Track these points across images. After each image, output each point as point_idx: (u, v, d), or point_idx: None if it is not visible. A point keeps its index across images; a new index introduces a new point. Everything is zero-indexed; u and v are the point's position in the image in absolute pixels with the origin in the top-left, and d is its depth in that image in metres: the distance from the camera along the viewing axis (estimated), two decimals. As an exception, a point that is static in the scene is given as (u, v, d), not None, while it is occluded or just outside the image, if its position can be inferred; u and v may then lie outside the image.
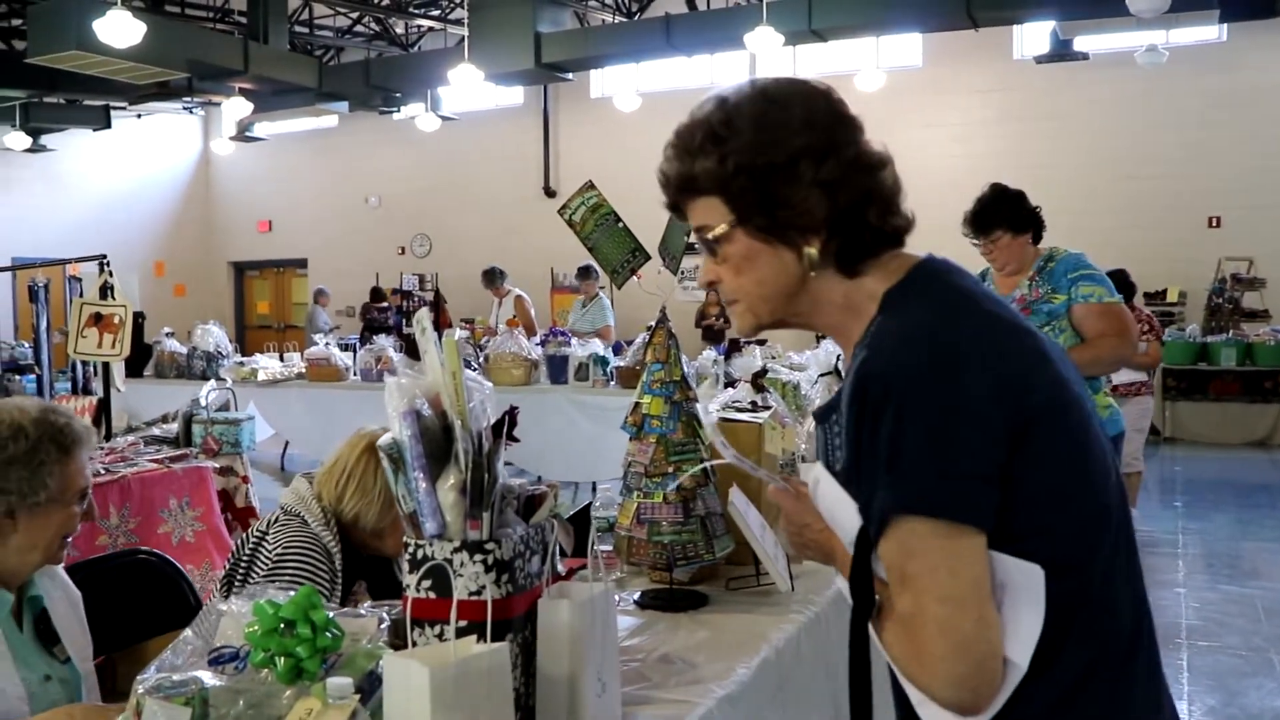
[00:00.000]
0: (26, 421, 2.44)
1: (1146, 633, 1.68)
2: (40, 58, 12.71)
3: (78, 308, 7.59)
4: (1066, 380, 1.63)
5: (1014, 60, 16.83)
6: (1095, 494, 1.61)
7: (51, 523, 2.45)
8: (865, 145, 1.70)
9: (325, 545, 2.94)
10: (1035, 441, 1.54)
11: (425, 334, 1.98)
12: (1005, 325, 1.62)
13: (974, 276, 1.74)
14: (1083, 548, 1.59)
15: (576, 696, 1.95)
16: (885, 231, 1.68)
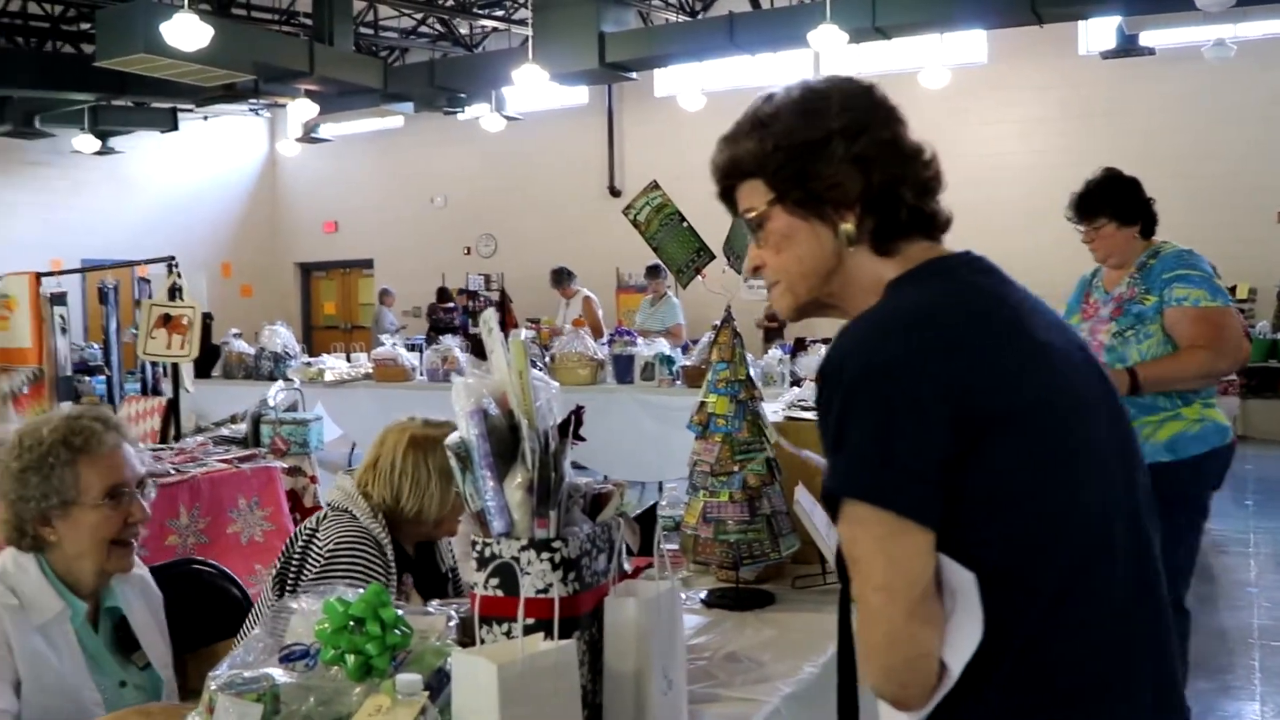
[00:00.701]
0: (45, 428, 2.49)
1: (1129, 684, 1.61)
2: (109, 61, 12.82)
3: (146, 309, 7.70)
4: (1062, 387, 1.62)
5: (1079, 56, 16.63)
6: (1067, 511, 1.57)
7: (84, 525, 2.46)
8: (903, 133, 1.76)
9: (376, 538, 2.96)
10: (991, 445, 1.54)
11: (492, 334, 1.99)
12: (993, 324, 1.62)
13: (1003, 276, 1.73)
14: (1035, 565, 1.56)
15: (643, 693, 1.95)
16: (922, 212, 1.72)
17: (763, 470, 2.86)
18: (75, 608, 2.48)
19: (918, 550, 1.53)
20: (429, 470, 3.01)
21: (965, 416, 1.52)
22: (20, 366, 7.30)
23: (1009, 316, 1.65)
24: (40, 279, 7.46)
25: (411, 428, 3.11)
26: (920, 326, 1.59)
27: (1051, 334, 1.68)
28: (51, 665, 2.38)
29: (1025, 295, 1.74)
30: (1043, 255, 15.55)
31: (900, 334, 1.58)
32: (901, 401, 1.53)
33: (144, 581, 2.72)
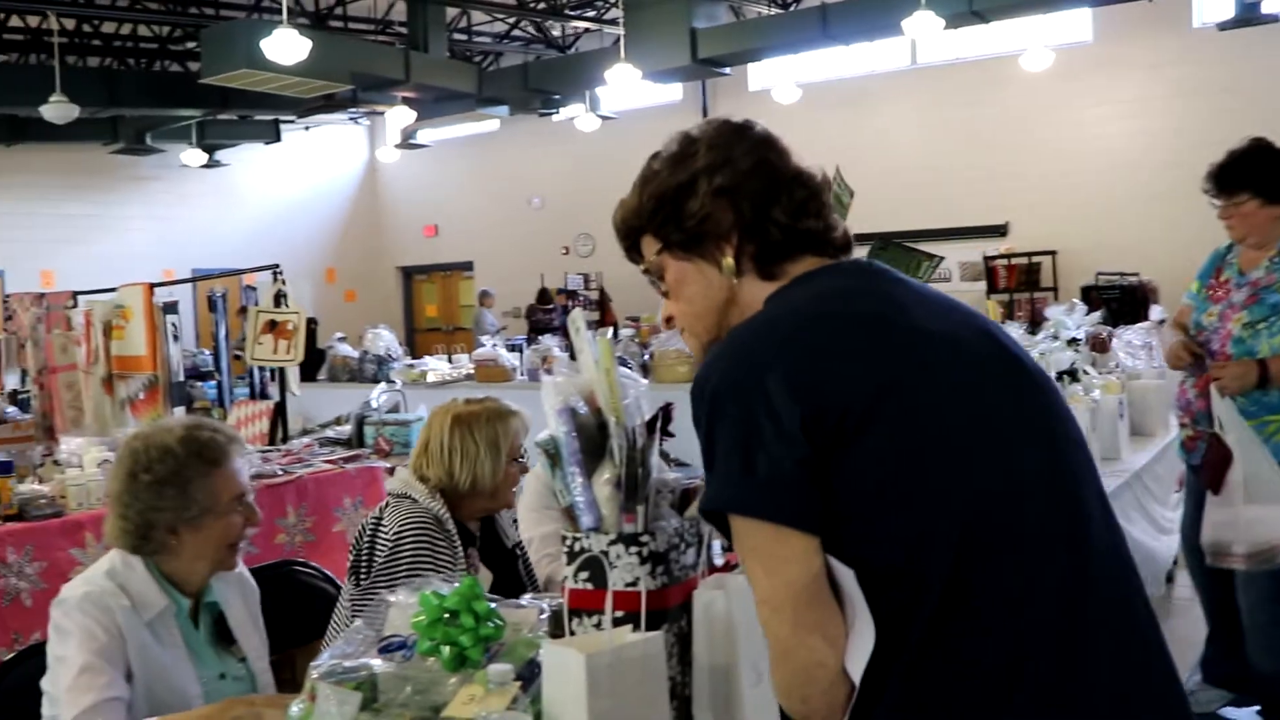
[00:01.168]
0: (173, 442, 2.60)
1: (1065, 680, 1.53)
2: (213, 77, 13.18)
3: (253, 315, 7.89)
4: (935, 371, 1.59)
5: (1193, 30, 16.01)
6: (946, 498, 1.53)
7: (212, 533, 2.61)
8: (773, 159, 1.80)
9: (437, 515, 3.12)
10: (853, 440, 1.52)
11: (580, 333, 2.04)
12: (847, 319, 1.63)
13: (886, 275, 1.74)
14: (920, 556, 1.52)
15: (732, 686, 1.98)
16: (800, 231, 1.74)
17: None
18: (179, 604, 2.61)
19: (793, 556, 1.52)
20: (476, 443, 3.19)
21: (817, 414, 1.52)
22: (136, 373, 7.54)
23: (868, 309, 1.64)
24: (153, 289, 7.69)
25: (454, 408, 3.30)
26: (767, 334, 1.62)
27: (934, 322, 1.66)
28: (158, 658, 2.51)
29: (911, 289, 1.73)
30: (1155, 242, 15.27)
31: (749, 346, 1.61)
32: (755, 410, 1.54)
33: (241, 577, 2.85)
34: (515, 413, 3.33)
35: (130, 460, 2.59)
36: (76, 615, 2.45)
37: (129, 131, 18.07)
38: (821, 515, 1.53)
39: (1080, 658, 1.54)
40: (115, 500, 2.60)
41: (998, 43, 16.64)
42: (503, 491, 3.27)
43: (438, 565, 3.04)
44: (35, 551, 4.88)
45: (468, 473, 3.18)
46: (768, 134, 1.85)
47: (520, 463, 3.31)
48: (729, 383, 1.59)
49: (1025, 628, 1.53)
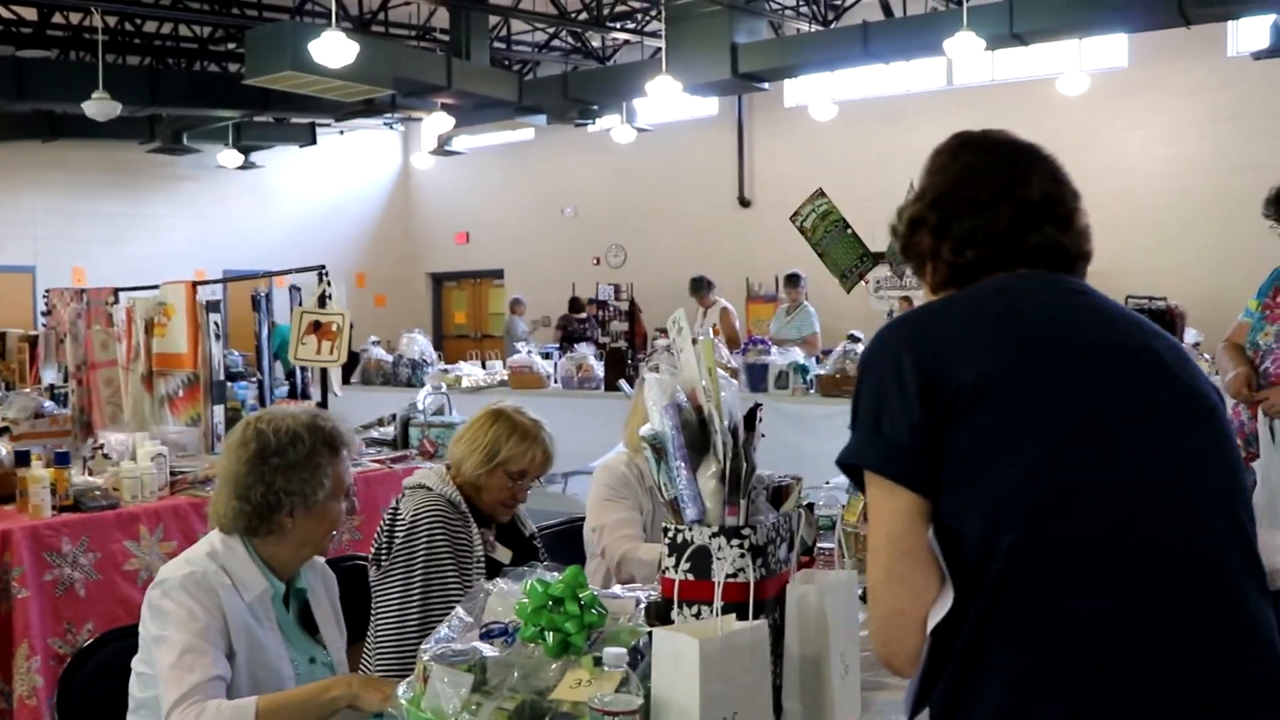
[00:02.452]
0: (301, 428, 2.69)
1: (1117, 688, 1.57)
2: (256, 79, 13.25)
3: (297, 316, 7.95)
4: (1055, 369, 1.70)
5: (1228, 58, 16.05)
6: (1029, 486, 1.63)
7: (326, 519, 2.70)
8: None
9: (450, 498, 3.28)
10: (965, 413, 1.66)
11: (681, 333, 2.11)
12: (979, 309, 1.80)
13: (1053, 282, 1.84)
14: (985, 538, 1.62)
15: (821, 676, 2.06)
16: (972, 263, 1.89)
17: (924, 470, 2.94)
18: (276, 588, 2.69)
19: (897, 510, 1.68)
20: (486, 435, 3.36)
21: (934, 386, 1.67)
22: (176, 371, 7.58)
23: (1005, 306, 1.79)
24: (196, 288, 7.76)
25: (501, 405, 3.49)
26: (913, 319, 1.84)
27: (1082, 326, 1.76)
28: (258, 639, 2.59)
29: (1081, 299, 1.83)
30: (1186, 267, 15.27)
31: (897, 327, 1.83)
32: (886, 379, 1.72)
33: (323, 566, 2.94)
34: (537, 442, 3.41)
35: (258, 443, 2.65)
36: (179, 595, 2.51)
37: (166, 131, 18.22)
38: (930, 479, 1.67)
39: (1127, 668, 1.57)
40: (234, 481, 2.65)
41: (1034, 66, 16.74)
42: (488, 496, 3.37)
43: (455, 545, 3.20)
44: (90, 543, 4.92)
45: (460, 454, 3.36)
46: (978, 154, 2.03)
47: (517, 485, 3.39)
48: (873, 355, 1.80)
49: (1070, 626, 1.59)
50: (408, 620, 3.12)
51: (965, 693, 1.62)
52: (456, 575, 3.17)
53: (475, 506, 3.37)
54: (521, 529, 3.57)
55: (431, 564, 3.16)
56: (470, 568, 3.22)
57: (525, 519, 3.60)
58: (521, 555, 3.36)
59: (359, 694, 2.37)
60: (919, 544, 1.65)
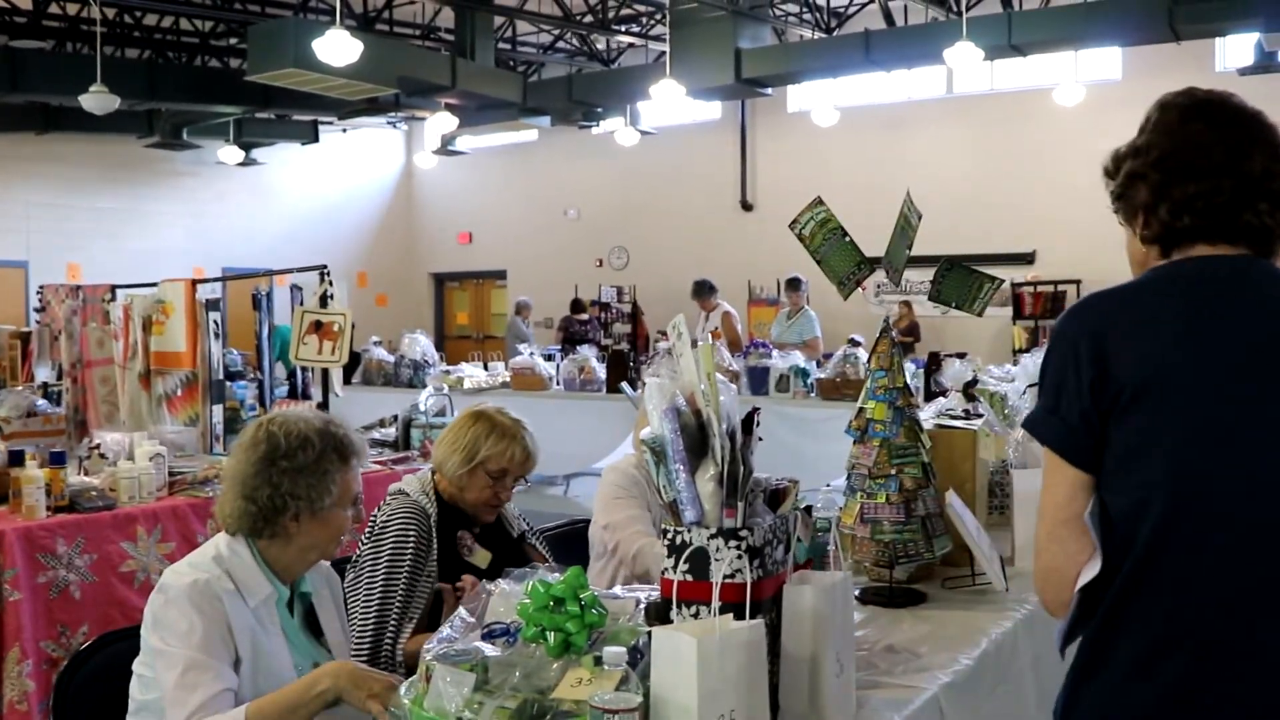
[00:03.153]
0: (312, 432, 2.68)
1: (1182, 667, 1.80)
2: (259, 75, 13.19)
3: (299, 315, 7.96)
4: (1217, 372, 1.83)
5: (1216, 73, 16.32)
6: (1172, 480, 1.82)
7: (331, 526, 2.70)
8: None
9: (422, 507, 3.34)
10: (1126, 409, 1.84)
11: (681, 338, 2.16)
12: (1162, 309, 1.90)
13: (1236, 276, 1.93)
14: (1133, 520, 1.84)
15: (817, 675, 2.11)
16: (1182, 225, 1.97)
17: (919, 474, 2.99)
18: (280, 592, 2.69)
19: (1063, 481, 1.90)
20: (466, 436, 3.40)
21: (1102, 381, 1.85)
22: (175, 370, 7.56)
23: (1182, 307, 1.90)
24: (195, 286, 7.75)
25: (482, 406, 3.54)
26: (1100, 304, 1.96)
27: (1251, 324, 1.87)
28: (263, 644, 2.59)
29: (1260, 293, 1.92)
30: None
31: (1090, 306, 1.97)
32: (1068, 360, 1.90)
33: (328, 569, 2.95)
34: (517, 441, 3.44)
35: (268, 444, 2.66)
36: (182, 604, 2.50)
37: (165, 126, 18.05)
38: (1095, 459, 1.88)
39: (1243, 645, 1.79)
40: (242, 482, 2.65)
41: (1031, 77, 16.96)
42: (471, 495, 3.40)
43: (416, 554, 3.24)
44: (86, 544, 4.86)
45: (441, 456, 3.40)
46: (1209, 123, 2.08)
47: (500, 483, 3.43)
48: (1062, 331, 1.95)
49: (1189, 615, 1.81)
50: (367, 624, 3.15)
51: (1104, 645, 1.88)
52: (410, 585, 3.20)
53: (457, 509, 3.41)
54: (509, 530, 3.59)
55: (393, 570, 3.20)
56: (426, 577, 3.25)
57: (513, 519, 3.62)
58: (508, 557, 3.39)
59: (346, 688, 2.36)
60: (1078, 513, 1.88)
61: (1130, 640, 1.85)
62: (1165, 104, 2.14)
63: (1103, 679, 1.88)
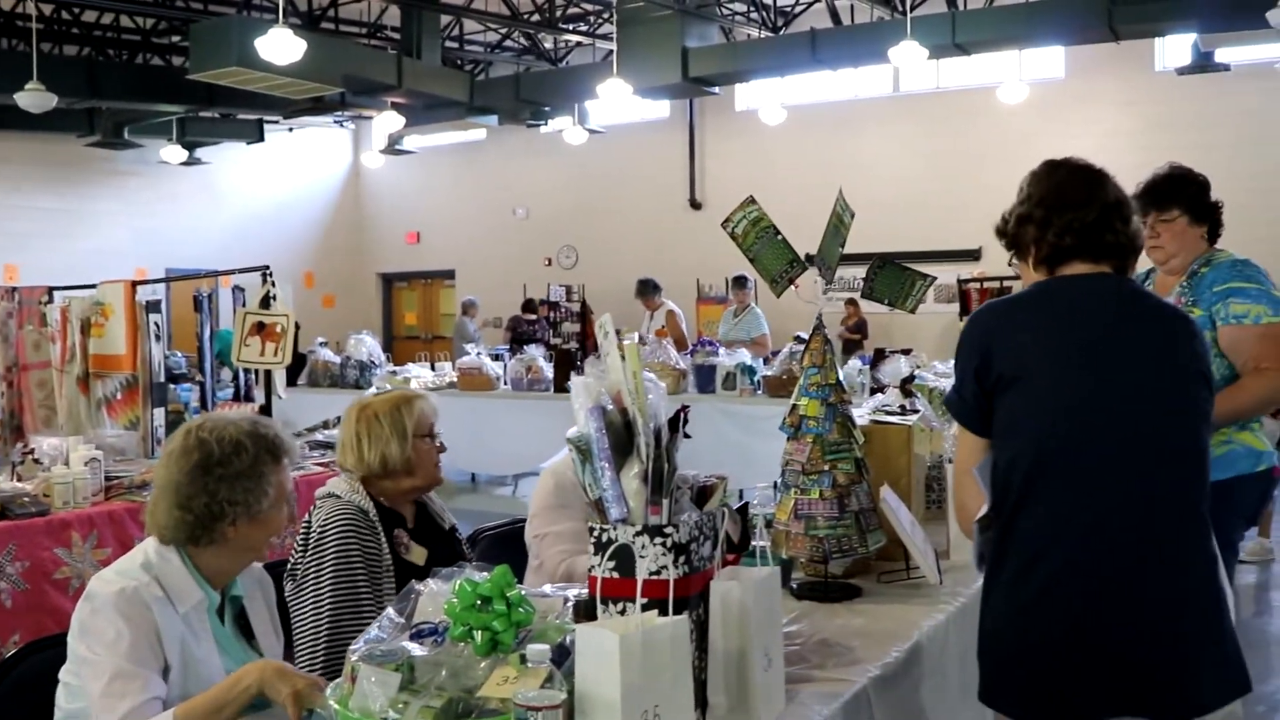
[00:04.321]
0: (243, 436, 2.67)
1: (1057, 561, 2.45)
2: (201, 74, 13.01)
3: (241, 317, 7.88)
4: (1069, 366, 2.48)
5: (1156, 72, 16.59)
6: (1034, 440, 2.46)
7: (268, 528, 2.69)
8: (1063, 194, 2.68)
9: (360, 506, 3.27)
10: (1001, 392, 2.50)
11: (608, 337, 2.16)
12: (1032, 315, 2.57)
13: (1092, 287, 2.58)
14: (1013, 466, 2.46)
15: (745, 670, 2.12)
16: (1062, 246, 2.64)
17: (852, 469, 3.01)
18: (211, 598, 2.66)
19: (968, 444, 2.61)
20: (381, 425, 3.36)
21: (984, 370, 2.52)
22: (114, 373, 7.45)
23: (1051, 312, 2.56)
24: (136, 287, 7.66)
25: (361, 400, 3.50)
26: (992, 310, 2.65)
27: (1101, 333, 2.51)
28: (193, 651, 2.56)
29: (1117, 300, 2.57)
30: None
31: (982, 314, 2.65)
32: (964, 353, 2.59)
33: (260, 571, 2.93)
34: (419, 395, 3.50)
35: (201, 452, 2.63)
36: (109, 612, 2.47)
37: (107, 125, 17.78)
38: (986, 426, 2.55)
39: (1087, 562, 2.42)
40: (175, 491, 2.62)
41: (976, 75, 17.16)
42: (422, 468, 3.40)
43: (364, 553, 3.18)
44: (18, 551, 4.76)
45: (376, 454, 3.32)
46: (1069, 172, 2.70)
47: (435, 440, 3.44)
48: (964, 331, 2.62)
49: (1049, 528, 2.45)
50: (319, 634, 3.09)
51: (999, 559, 2.52)
52: (367, 585, 3.15)
53: (388, 508, 3.36)
54: (440, 523, 3.57)
55: (341, 576, 3.13)
56: (380, 576, 3.21)
57: (444, 513, 3.60)
58: (442, 550, 3.39)
59: (269, 681, 2.33)
60: (972, 464, 2.56)
61: (1014, 556, 2.49)
62: (1033, 172, 2.74)
63: (1000, 581, 2.52)
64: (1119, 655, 2.38)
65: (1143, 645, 2.38)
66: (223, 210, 21.19)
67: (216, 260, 14.57)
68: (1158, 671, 2.38)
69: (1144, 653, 2.38)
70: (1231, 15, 12.21)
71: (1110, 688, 2.38)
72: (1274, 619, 7.09)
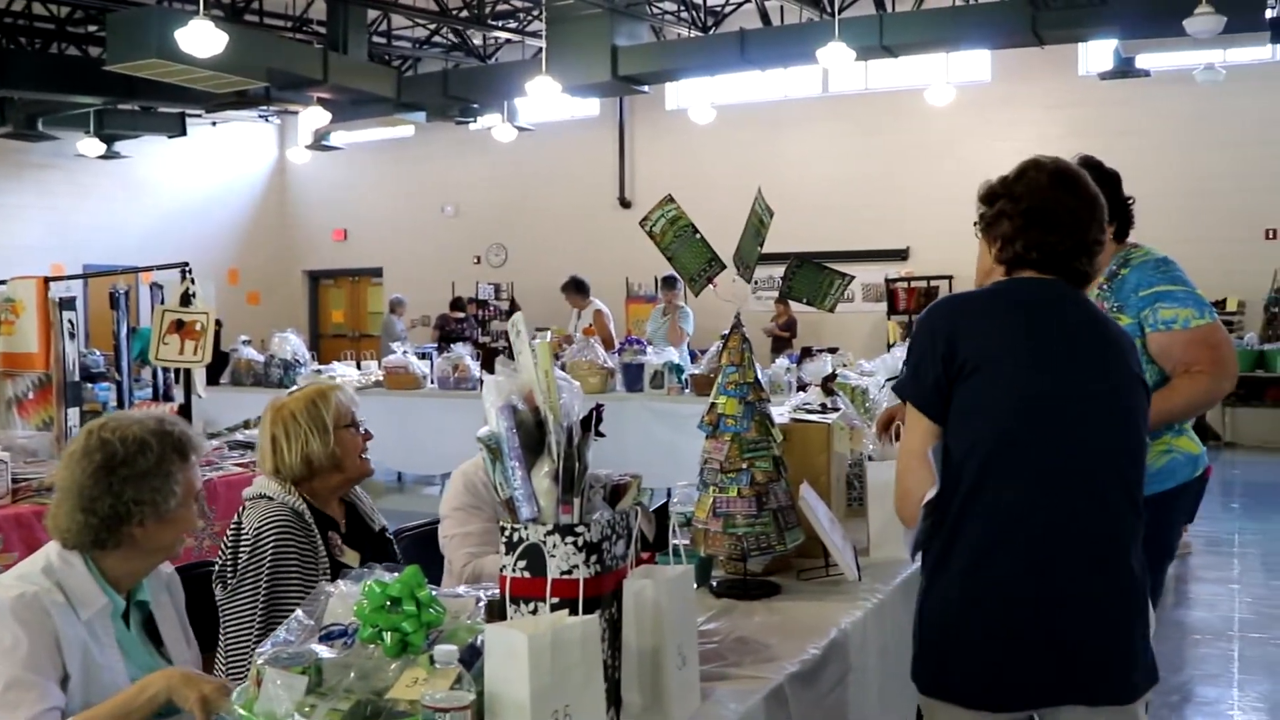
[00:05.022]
0: (148, 434, 2.60)
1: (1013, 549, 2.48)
2: (119, 66, 12.74)
3: (159, 314, 7.75)
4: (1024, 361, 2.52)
5: (1080, 77, 16.89)
6: (993, 428, 2.48)
7: (177, 525, 2.62)
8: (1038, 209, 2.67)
9: (293, 508, 3.16)
10: (963, 379, 2.51)
11: (520, 335, 2.14)
12: (991, 309, 2.62)
13: (1049, 292, 2.62)
14: (969, 453, 2.48)
15: (659, 668, 2.11)
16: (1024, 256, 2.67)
17: (770, 468, 3.01)
18: (116, 603, 2.59)
19: (919, 429, 2.57)
20: (299, 423, 3.25)
21: (949, 357, 2.52)
22: (26, 371, 7.29)
23: (1009, 306, 2.60)
24: (49, 284, 7.50)
25: (275, 401, 3.36)
26: (954, 302, 2.71)
27: (1058, 333, 2.56)
28: (95, 658, 2.48)
29: (1066, 306, 2.62)
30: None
31: (945, 304, 2.69)
32: (924, 341, 2.58)
33: (170, 574, 2.86)
34: (335, 386, 3.40)
35: (104, 452, 2.56)
36: (6, 620, 2.39)
37: (19, 116, 17.31)
38: (942, 414, 2.53)
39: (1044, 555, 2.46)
40: (78, 494, 2.54)
41: (904, 77, 17.35)
42: (348, 461, 3.30)
43: (301, 556, 3.09)
44: None
45: (298, 455, 3.21)
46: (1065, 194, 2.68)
47: (357, 429, 3.36)
48: (924, 321, 2.64)
49: (1006, 518, 2.47)
50: (255, 639, 2.98)
51: (946, 550, 2.52)
52: (302, 589, 3.02)
53: (319, 510, 3.27)
54: (370, 525, 3.49)
55: (277, 579, 3.04)
56: (316, 580, 3.12)
57: (374, 514, 3.52)
58: (374, 552, 3.31)
59: (175, 688, 2.28)
60: (926, 452, 2.53)
61: (964, 547, 2.49)
62: (1040, 164, 2.74)
63: (948, 573, 2.52)
64: (1069, 645, 2.45)
65: (1093, 635, 2.46)
66: (143, 205, 20.84)
67: (137, 257, 14.27)
68: (1104, 660, 2.48)
69: (1093, 642, 2.46)
70: (1151, 23, 12.49)
71: (1058, 676, 2.46)
72: (1190, 610, 7.26)
